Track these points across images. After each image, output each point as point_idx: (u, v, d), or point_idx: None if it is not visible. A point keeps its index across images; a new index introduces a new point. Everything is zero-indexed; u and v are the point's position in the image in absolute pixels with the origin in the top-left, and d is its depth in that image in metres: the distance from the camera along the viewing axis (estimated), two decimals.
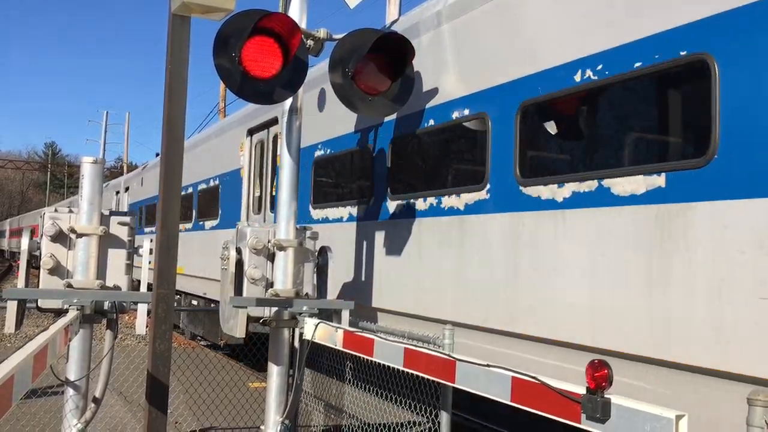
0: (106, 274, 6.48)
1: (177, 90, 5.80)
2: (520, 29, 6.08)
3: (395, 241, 7.57)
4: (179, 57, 5.86)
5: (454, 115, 6.82)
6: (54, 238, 6.34)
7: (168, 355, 5.94)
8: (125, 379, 8.78)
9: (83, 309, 6.08)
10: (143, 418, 8.61)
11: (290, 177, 6.95)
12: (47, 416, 7.49)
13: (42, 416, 7.54)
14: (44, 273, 6.30)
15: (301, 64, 6.61)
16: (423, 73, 7.29)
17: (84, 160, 6.50)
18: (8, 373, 3.00)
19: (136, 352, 9.30)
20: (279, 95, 6.59)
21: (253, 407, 8.52)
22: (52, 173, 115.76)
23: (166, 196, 5.89)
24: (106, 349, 6.33)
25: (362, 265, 8.11)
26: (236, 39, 6.25)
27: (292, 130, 7.00)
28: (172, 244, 5.91)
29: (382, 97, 6.92)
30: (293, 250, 6.84)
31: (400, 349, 5.14)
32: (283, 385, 6.92)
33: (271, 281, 6.85)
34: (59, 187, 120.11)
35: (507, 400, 3.87)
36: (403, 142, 7.68)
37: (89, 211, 6.41)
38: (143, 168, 23.97)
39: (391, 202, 7.72)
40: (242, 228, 6.99)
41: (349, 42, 6.82)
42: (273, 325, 6.89)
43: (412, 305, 7.24)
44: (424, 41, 7.30)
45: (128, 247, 6.63)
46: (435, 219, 6.97)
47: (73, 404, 6.23)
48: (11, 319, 5.96)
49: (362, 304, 7.74)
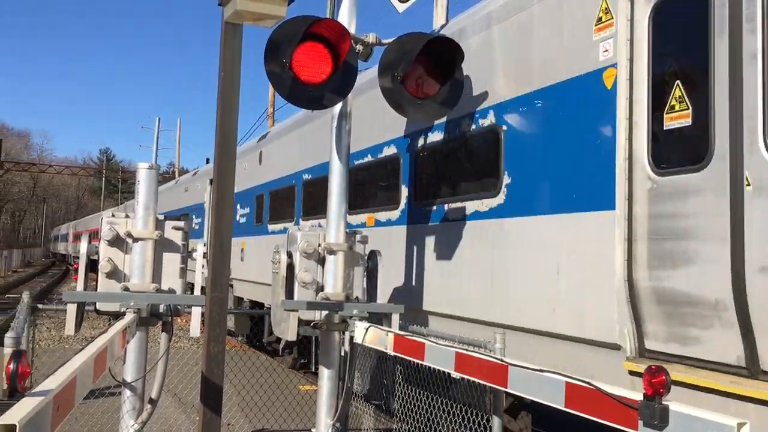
0: (161, 278, 6.60)
1: (230, 96, 5.90)
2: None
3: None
4: (232, 64, 5.96)
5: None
6: (111, 243, 6.49)
7: (222, 357, 6.03)
8: (179, 381, 8.95)
9: (140, 312, 6.21)
10: (197, 419, 8.76)
11: (340, 182, 6.99)
12: (105, 417, 7.66)
13: (99, 417, 7.72)
14: (102, 276, 6.45)
15: (351, 69, 6.66)
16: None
17: (140, 166, 6.65)
18: (71, 374, 3.08)
19: (189, 354, 9.45)
20: (329, 100, 6.64)
21: (304, 410, 8.59)
22: (106, 179, 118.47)
23: (220, 203, 5.99)
24: (161, 351, 6.46)
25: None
26: (287, 45, 6.32)
27: (341, 135, 7.04)
28: (225, 248, 6.01)
29: (431, 100, 6.93)
30: (343, 254, 6.87)
31: (451, 353, 5.13)
32: (333, 388, 6.96)
33: (322, 285, 6.90)
34: (113, 192, 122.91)
35: (561, 405, 3.83)
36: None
37: (145, 216, 6.55)
38: (262, 139, 15.87)
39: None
40: (293, 232, 7.06)
41: (398, 46, 6.85)
42: (323, 329, 6.94)
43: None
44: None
45: (182, 251, 6.75)
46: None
47: (130, 405, 6.36)
48: (71, 321, 6.12)
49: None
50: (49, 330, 20.68)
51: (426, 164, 8.09)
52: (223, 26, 5.97)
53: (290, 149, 13.12)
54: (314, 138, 11.49)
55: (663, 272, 4.88)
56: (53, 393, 2.71)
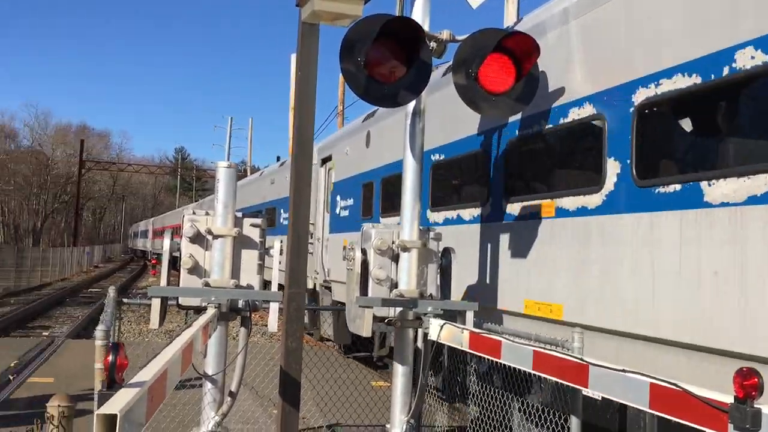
0: (239, 274, 6.75)
1: (306, 95, 6.02)
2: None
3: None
4: (308, 63, 6.08)
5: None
6: (193, 239, 6.65)
7: (299, 352, 6.17)
8: (257, 375, 9.14)
9: (220, 307, 6.36)
10: (273, 412, 8.97)
11: (414, 179, 7.00)
12: (186, 408, 7.88)
13: (181, 408, 7.95)
14: (184, 272, 6.62)
15: (425, 66, 6.65)
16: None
17: (219, 165, 6.80)
18: (163, 366, 3.19)
19: (266, 349, 9.65)
20: (403, 98, 6.66)
21: (378, 405, 8.65)
22: (181, 177, 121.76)
23: (296, 200, 6.12)
24: (240, 346, 6.60)
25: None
26: (362, 44, 6.37)
27: (415, 133, 7.05)
28: (302, 245, 6.14)
29: (506, 96, 6.87)
30: (417, 251, 6.89)
31: (528, 351, 5.07)
32: (408, 384, 6.99)
33: (396, 282, 6.93)
34: (188, 189, 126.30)
35: (645, 407, 3.75)
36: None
37: (224, 214, 6.69)
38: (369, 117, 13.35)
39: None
40: (367, 229, 7.12)
41: (473, 43, 6.82)
42: (397, 325, 6.96)
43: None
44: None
45: (260, 248, 6.88)
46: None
47: (211, 397, 6.52)
48: (155, 315, 6.32)
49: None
50: (130, 323, 21.44)
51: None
52: (300, 26, 6.09)
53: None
54: (447, 110, 9.00)
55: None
56: (148, 384, 2.81)
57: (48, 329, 22.11)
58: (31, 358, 13.69)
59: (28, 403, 9.91)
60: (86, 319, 23.64)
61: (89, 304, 29.86)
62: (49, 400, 3.98)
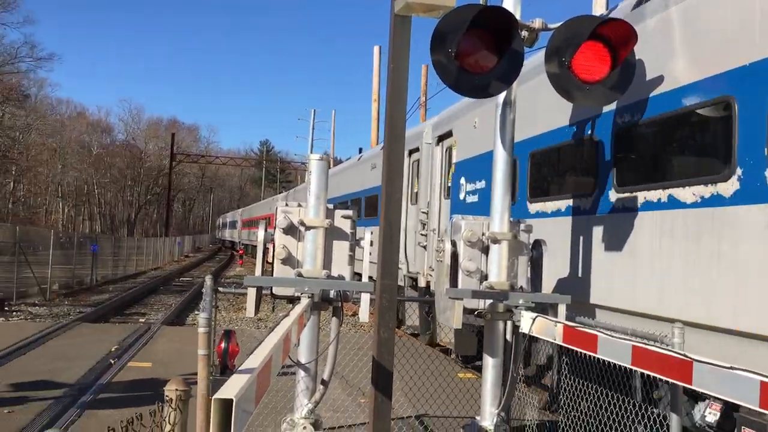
0: (331, 265, 6.85)
1: (399, 87, 6.04)
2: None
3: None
4: (400, 55, 6.10)
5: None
6: (286, 231, 6.79)
7: (391, 343, 6.23)
8: (346, 364, 9.28)
9: (313, 297, 6.48)
10: (362, 401, 9.09)
11: (504, 170, 6.93)
12: (278, 395, 8.08)
13: (274, 395, 8.15)
14: (278, 263, 6.77)
15: (517, 56, 6.57)
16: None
17: (311, 157, 6.91)
18: (268, 354, 3.29)
19: (355, 339, 9.77)
20: (494, 88, 6.60)
21: (466, 397, 8.64)
22: (266, 169, 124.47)
23: (389, 189, 6.16)
24: (332, 335, 6.71)
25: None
26: (453, 35, 6.33)
27: (505, 124, 6.97)
28: (394, 235, 6.18)
29: (601, 85, 6.71)
30: (507, 243, 6.83)
31: (627, 346, 4.96)
32: (498, 377, 6.95)
33: (486, 274, 6.89)
34: (272, 181, 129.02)
35: (755, 405, 3.61)
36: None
37: (316, 205, 6.80)
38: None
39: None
40: (456, 221, 7.10)
41: (566, 31, 6.68)
42: (488, 318, 6.93)
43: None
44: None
45: (351, 239, 6.96)
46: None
47: (304, 385, 6.66)
48: (251, 303, 6.48)
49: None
50: (220, 311, 22.14)
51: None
52: (393, 18, 6.11)
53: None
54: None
55: None
56: (257, 371, 2.90)
57: (144, 316, 23.09)
58: (130, 343, 14.30)
59: (130, 386, 10.37)
60: (179, 307, 24.55)
61: (181, 292, 30.97)
62: (167, 384, 4.18)
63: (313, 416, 6.67)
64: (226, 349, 3.65)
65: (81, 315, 20.21)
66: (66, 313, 21.22)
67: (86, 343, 14.14)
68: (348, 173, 25.07)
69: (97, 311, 21.63)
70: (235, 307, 24.30)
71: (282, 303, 7.09)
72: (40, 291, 24.77)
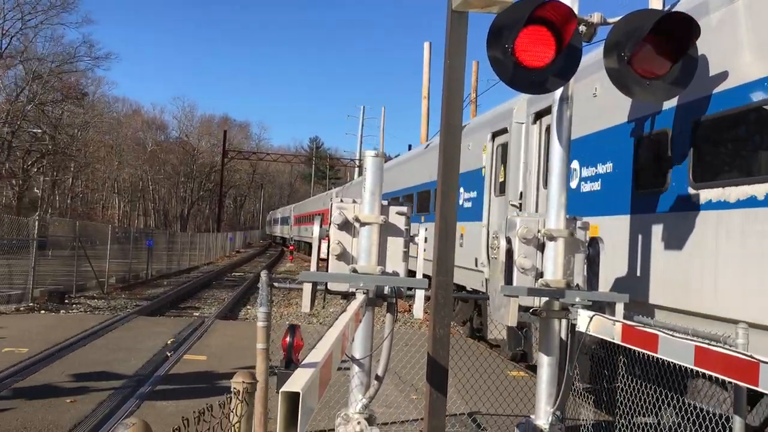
0: (385, 261, 6.88)
1: (455, 83, 6.02)
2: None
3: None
4: (457, 52, 6.07)
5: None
6: (341, 227, 6.84)
7: (447, 340, 6.20)
8: (399, 360, 9.30)
9: (367, 293, 6.51)
10: (413, 398, 9.11)
11: (560, 167, 6.86)
12: (332, 390, 8.14)
13: (328, 390, 8.22)
14: (333, 258, 6.82)
15: (575, 51, 6.48)
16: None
17: (366, 154, 6.95)
18: (330, 348, 3.32)
19: (408, 336, 9.79)
20: (552, 84, 6.53)
21: (519, 396, 8.58)
22: (315, 165, 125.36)
23: (444, 186, 6.14)
24: (386, 331, 6.73)
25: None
26: (509, 30, 6.28)
27: (562, 120, 6.89)
28: (450, 231, 6.15)
29: (661, 80, 6.59)
30: (563, 241, 6.76)
31: (689, 346, 4.87)
32: (553, 376, 6.88)
33: (541, 271, 6.84)
34: (321, 178, 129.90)
35: None
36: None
37: (371, 201, 6.83)
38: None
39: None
40: (512, 218, 7.06)
41: (625, 25, 6.58)
42: (543, 316, 6.87)
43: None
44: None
45: (405, 236, 6.97)
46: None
47: (358, 380, 6.71)
48: (307, 299, 6.55)
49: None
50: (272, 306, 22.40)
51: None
52: (449, 15, 6.09)
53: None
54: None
55: None
56: (320, 365, 2.93)
57: (198, 310, 23.53)
58: (185, 336, 14.59)
59: (186, 378, 10.59)
60: (232, 301, 24.93)
61: (234, 287, 31.45)
62: (234, 377, 4.27)
63: (367, 411, 6.71)
64: (291, 343, 3.71)
65: (138, 308, 20.71)
66: (123, 306, 21.76)
67: (143, 335, 14.49)
68: (416, 162, 23.07)
69: (153, 305, 22.14)
70: (285, 302, 24.56)
71: (332, 299, 7.13)
72: (98, 284, 25.46)
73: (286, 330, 6.39)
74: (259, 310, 6.30)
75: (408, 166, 22.98)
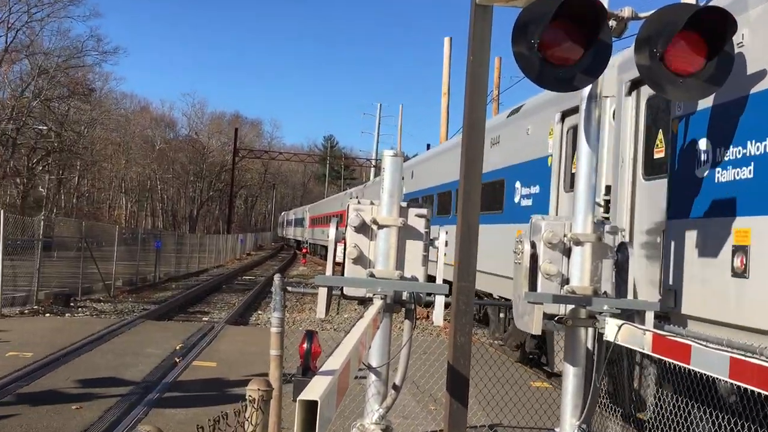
0: (404, 265, 6.60)
1: (479, 78, 5.77)
2: None
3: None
4: (481, 47, 5.81)
5: None
6: (358, 229, 6.57)
7: (468, 348, 5.94)
8: (417, 369, 9.02)
9: (386, 298, 6.23)
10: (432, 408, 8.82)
11: (588, 169, 6.57)
12: (347, 399, 7.85)
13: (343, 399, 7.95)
14: (349, 262, 6.55)
15: (605, 47, 6.19)
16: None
17: (385, 153, 6.67)
18: (348, 356, 3.10)
19: (427, 344, 9.51)
20: (580, 81, 6.24)
21: (543, 407, 8.28)
22: (330, 165, 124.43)
23: (467, 187, 5.88)
24: (404, 339, 6.46)
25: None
26: (536, 25, 6.01)
27: (591, 119, 6.59)
28: (473, 236, 5.88)
29: (695, 78, 6.29)
30: (591, 246, 6.46)
31: (724, 357, 4.57)
32: (579, 387, 6.58)
33: (567, 277, 6.54)
34: (336, 178, 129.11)
35: None
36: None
37: (389, 203, 6.55)
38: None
39: None
40: (536, 221, 6.76)
41: (658, 20, 6.28)
42: (569, 324, 6.57)
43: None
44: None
45: (424, 239, 6.70)
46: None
47: (375, 390, 6.42)
48: (322, 304, 6.29)
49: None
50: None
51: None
52: (473, 9, 5.83)
53: None
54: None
55: None
56: (338, 373, 2.72)
57: (207, 314, 23.24)
58: (194, 342, 14.35)
59: (196, 385, 10.33)
60: (242, 306, 24.66)
61: (244, 291, 31.18)
62: (249, 384, 4.06)
63: (384, 422, 6.43)
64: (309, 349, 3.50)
65: (145, 312, 20.44)
66: (130, 310, 21.47)
67: (151, 340, 14.25)
68: (456, 152, 22.26)
69: (161, 309, 21.85)
70: (298, 308, 24.28)
71: (346, 305, 6.88)
72: (104, 287, 25.07)
73: (303, 336, 6.14)
74: (273, 315, 6.04)
75: (430, 165, 20.78)
